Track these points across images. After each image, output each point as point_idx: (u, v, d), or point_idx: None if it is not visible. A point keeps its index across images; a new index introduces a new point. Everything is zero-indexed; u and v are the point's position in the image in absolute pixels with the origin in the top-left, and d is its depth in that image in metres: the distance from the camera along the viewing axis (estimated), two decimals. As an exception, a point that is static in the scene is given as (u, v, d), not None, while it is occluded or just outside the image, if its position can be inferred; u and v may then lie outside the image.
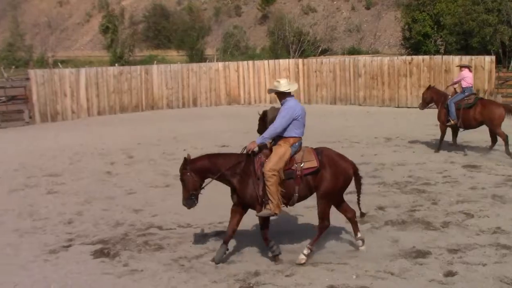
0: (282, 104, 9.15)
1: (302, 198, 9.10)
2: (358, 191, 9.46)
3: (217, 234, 10.35)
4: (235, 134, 21.38)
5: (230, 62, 35.02)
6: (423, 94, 18.24)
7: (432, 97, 17.71)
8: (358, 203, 9.49)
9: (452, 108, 16.77)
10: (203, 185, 9.08)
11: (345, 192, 9.42)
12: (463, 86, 16.93)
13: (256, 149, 8.94)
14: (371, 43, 62.89)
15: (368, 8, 68.30)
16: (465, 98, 16.71)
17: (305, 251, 8.88)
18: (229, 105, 32.14)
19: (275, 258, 8.94)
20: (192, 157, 9.01)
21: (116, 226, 11.04)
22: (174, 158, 16.97)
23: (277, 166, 8.68)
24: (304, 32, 58.68)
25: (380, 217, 11.12)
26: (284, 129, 8.94)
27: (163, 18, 74.49)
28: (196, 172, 8.90)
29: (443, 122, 17.21)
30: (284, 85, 9.13)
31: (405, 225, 10.63)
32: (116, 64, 43.62)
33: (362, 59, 32.10)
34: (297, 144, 9.01)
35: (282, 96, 9.16)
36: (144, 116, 28.50)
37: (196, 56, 57.06)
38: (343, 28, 67.09)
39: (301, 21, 64.36)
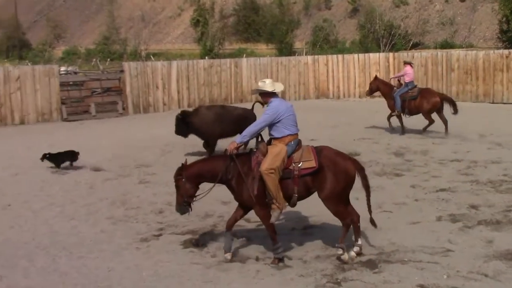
0: (267, 105, 8.93)
1: (301, 198, 8.90)
2: (367, 192, 9.16)
3: (304, 228, 10.35)
4: (324, 128, 21.38)
5: (319, 56, 34.89)
6: (370, 83, 21.10)
7: (378, 87, 20.42)
8: (368, 207, 9.22)
9: (398, 100, 19.47)
10: (198, 193, 9.05)
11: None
12: (406, 80, 19.87)
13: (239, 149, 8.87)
14: (465, 37, 60.95)
15: (462, 0, 66.28)
16: (409, 91, 19.56)
17: (339, 251, 8.72)
18: (318, 99, 32.02)
19: (274, 261, 8.71)
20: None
21: (205, 218, 11.20)
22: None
23: (274, 164, 8.47)
24: (395, 25, 57.63)
25: (472, 216, 10.82)
26: (274, 131, 8.75)
27: (253, 11, 74.81)
28: (189, 179, 8.87)
29: (392, 111, 19.92)
30: (269, 85, 8.88)
31: (500, 225, 10.29)
32: (206, 57, 44.37)
33: (455, 53, 31.31)
34: (293, 142, 8.76)
35: (267, 96, 8.92)
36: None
37: (285, 49, 57.12)
38: (435, 21, 65.37)
39: (392, 14, 63.24)
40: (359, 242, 9.02)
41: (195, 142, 17.49)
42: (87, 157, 16.08)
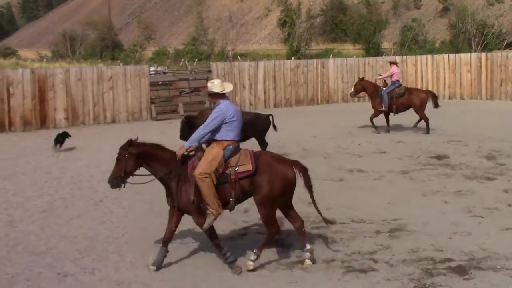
0: (215, 106, 8.69)
1: (239, 202, 8.67)
2: (310, 193, 8.85)
3: (391, 231, 10.18)
4: (411, 130, 20.98)
5: (407, 56, 34.29)
6: (355, 84, 21.83)
7: (364, 87, 21.37)
8: (315, 207, 8.89)
9: (385, 98, 20.44)
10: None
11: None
12: (393, 80, 21.03)
13: (190, 153, 8.61)
14: None
15: (560, -2, 63.61)
16: (396, 89, 20.71)
17: (252, 257, 8.43)
18: (406, 99, 31.45)
19: (230, 265, 8.47)
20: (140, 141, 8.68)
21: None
22: (348, 152, 16.91)
23: (208, 169, 8.21)
24: (488, 24, 55.99)
25: None
26: (216, 132, 8.50)
27: (340, 11, 74.46)
28: (134, 156, 8.54)
29: (378, 108, 20.76)
30: (217, 86, 8.60)
31: None
32: (293, 58, 44.39)
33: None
34: (231, 147, 8.48)
35: (216, 97, 8.67)
36: (319, 110, 28.67)
37: (373, 49, 56.50)
38: (532, 19, 63.02)
39: (485, 13, 61.43)
40: (308, 247, 8.70)
41: (278, 143, 17.49)
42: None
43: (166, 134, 21.13)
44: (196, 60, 61.91)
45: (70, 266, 8.71)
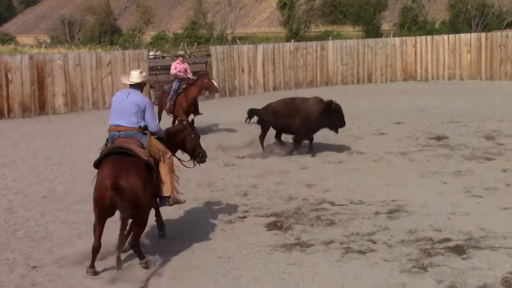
0: None
1: None
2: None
3: (389, 212, 10.20)
4: (411, 111, 20.96)
5: (407, 37, 34.22)
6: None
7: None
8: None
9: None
10: None
11: None
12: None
13: None
14: None
15: (561, -24, 63.22)
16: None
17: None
18: (405, 81, 31.43)
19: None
20: None
21: (289, 200, 11.21)
22: (347, 135, 16.91)
23: None
24: (488, 4, 55.72)
25: None
26: None
27: (340, -6, 74.06)
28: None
29: None
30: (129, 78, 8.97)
31: None
32: (292, 40, 44.26)
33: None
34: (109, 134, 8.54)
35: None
36: (319, 92, 28.53)
37: (372, 31, 56.40)
38: (533, -2, 62.76)
39: (486, -7, 61.11)
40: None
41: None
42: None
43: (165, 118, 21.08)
44: (196, 44, 61.76)
45: (69, 251, 8.75)
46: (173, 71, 18.59)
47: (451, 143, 15.79)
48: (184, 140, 9.27)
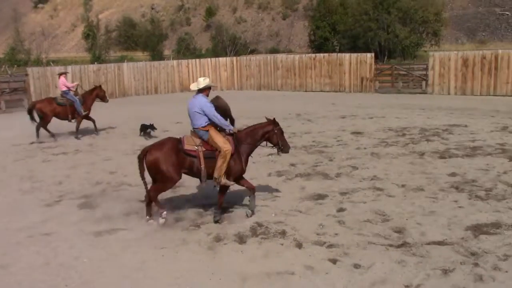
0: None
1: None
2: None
3: (175, 187, 10.22)
4: (186, 114, 21.12)
5: (182, 60, 34.41)
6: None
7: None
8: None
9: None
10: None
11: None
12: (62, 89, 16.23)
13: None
14: (286, 45, 62.79)
15: (284, 18, 68.08)
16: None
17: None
18: (182, 92, 31.61)
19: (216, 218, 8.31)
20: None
21: (96, 185, 10.80)
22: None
23: None
24: (237, 37, 58.18)
25: (292, 171, 11.25)
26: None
27: (131, 27, 72.34)
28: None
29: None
30: (195, 85, 8.55)
31: (309, 176, 10.79)
32: (95, 63, 42.32)
33: (279, 56, 32.14)
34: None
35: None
36: (117, 101, 27.76)
37: (157, 55, 55.85)
38: (266, 33, 66.78)
39: (235, 29, 63.83)
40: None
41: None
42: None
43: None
44: (15, 66, 56.30)
45: None
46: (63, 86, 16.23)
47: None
48: (270, 134, 8.60)
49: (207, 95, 8.49)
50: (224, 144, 8.11)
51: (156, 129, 16.28)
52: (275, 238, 7.48)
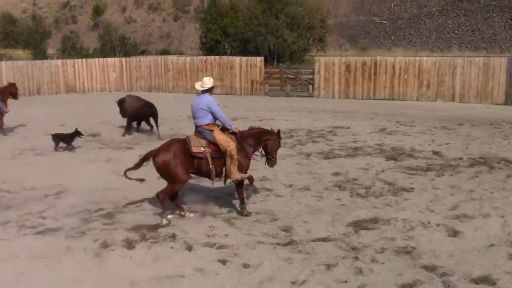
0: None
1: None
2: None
3: (56, 193, 9.75)
4: (72, 116, 20.23)
5: (67, 60, 32.84)
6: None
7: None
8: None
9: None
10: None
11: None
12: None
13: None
14: (178, 46, 62.34)
15: (175, 20, 67.53)
16: None
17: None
18: (67, 93, 30.17)
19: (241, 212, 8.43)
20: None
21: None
22: (22, 136, 15.59)
23: None
24: (127, 37, 56.62)
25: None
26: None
27: (11, 23, 67.49)
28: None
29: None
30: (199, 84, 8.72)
31: (199, 179, 10.75)
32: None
33: (170, 58, 31.78)
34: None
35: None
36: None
37: (40, 54, 52.67)
38: (157, 34, 65.78)
39: (125, 29, 62.02)
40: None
41: None
42: None
43: None
44: None
45: None
46: None
47: (103, 138, 15.69)
48: (270, 142, 8.54)
49: (211, 94, 8.66)
50: (227, 143, 8.25)
51: (83, 135, 14.39)
52: (165, 242, 7.40)
